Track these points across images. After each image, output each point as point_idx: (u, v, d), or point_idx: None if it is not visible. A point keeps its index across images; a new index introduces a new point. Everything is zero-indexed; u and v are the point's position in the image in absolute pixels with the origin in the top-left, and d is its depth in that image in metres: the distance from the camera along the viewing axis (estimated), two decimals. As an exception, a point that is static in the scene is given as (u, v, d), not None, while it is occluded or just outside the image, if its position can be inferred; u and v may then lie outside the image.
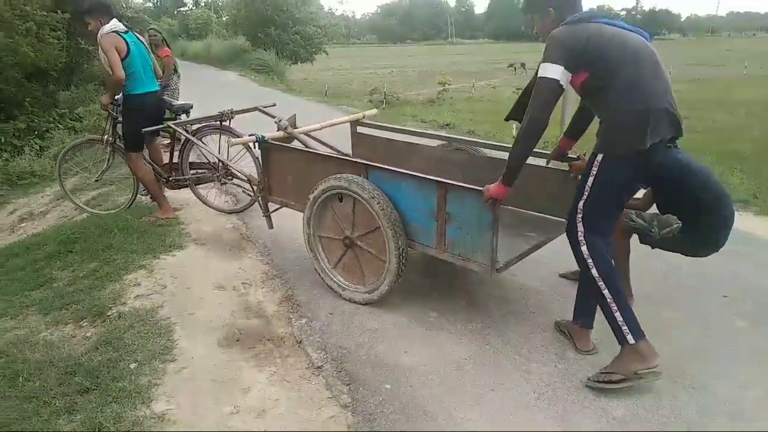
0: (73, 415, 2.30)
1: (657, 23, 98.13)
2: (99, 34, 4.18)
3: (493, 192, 2.42)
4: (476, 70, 28.77)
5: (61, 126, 9.58)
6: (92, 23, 4.24)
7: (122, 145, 4.60)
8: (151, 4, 56.99)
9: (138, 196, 4.94)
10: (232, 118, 4.61)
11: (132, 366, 2.59)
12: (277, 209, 3.82)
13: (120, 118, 4.55)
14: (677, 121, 2.28)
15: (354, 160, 3.26)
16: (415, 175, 2.84)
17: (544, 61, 2.26)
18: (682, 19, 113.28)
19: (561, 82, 2.23)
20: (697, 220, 2.66)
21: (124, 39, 4.21)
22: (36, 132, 9.19)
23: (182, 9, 54.68)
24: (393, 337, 2.82)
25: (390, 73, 30.08)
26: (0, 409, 2.40)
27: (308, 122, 4.33)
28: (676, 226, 2.67)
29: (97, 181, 5.07)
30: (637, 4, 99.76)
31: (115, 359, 2.65)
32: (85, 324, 3.11)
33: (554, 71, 2.22)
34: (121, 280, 3.54)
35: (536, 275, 3.49)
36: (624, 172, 2.32)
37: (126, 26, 4.35)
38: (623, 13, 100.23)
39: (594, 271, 2.37)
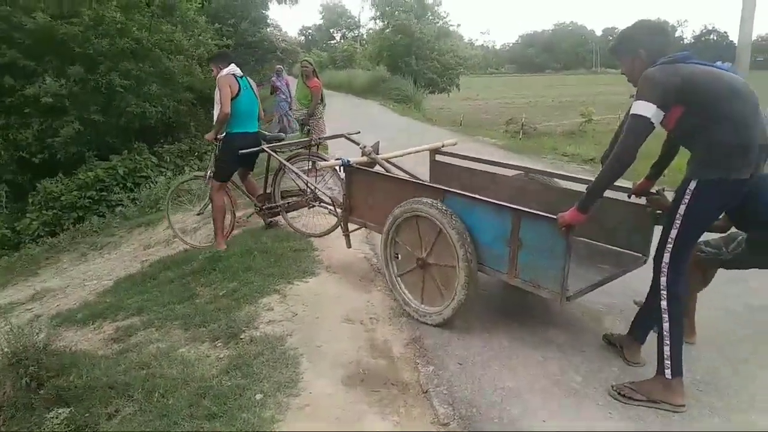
0: (199, 442, 2.31)
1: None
2: (218, 76, 4.64)
3: (568, 218, 2.47)
4: (623, 101, 27.02)
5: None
6: (214, 69, 4.76)
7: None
8: (303, 38, 61.79)
9: (273, 219, 5.19)
10: (320, 143, 4.89)
11: (258, 397, 2.57)
12: (356, 229, 4.00)
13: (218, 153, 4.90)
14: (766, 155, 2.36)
15: (431, 184, 3.42)
16: (489, 201, 2.93)
17: (637, 99, 2.33)
18: None
19: (652, 120, 2.28)
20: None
21: (238, 82, 4.65)
22: (196, 153, 10.16)
23: (331, 42, 58.48)
24: (530, 401, 2.51)
25: (528, 103, 29.37)
26: (137, 423, 2.51)
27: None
28: (741, 238, 2.74)
29: (199, 214, 5.46)
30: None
31: (242, 386, 2.65)
32: (219, 344, 3.19)
33: (646, 109, 2.28)
34: (256, 303, 3.62)
35: (703, 336, 2.98)
36: (717, 198, 2.35)
37: (241, 74, 4.77)
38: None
39: (664, 303, 2.43)
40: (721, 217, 2.75)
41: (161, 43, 10.16)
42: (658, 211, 2.95)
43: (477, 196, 3.00)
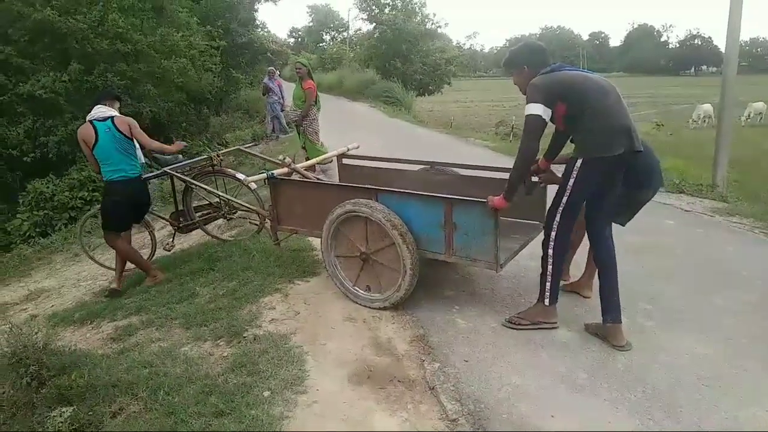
0: (209, 439, 2.30)
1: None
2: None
3: (496, 203, 2.95)
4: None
5: (210, 149, 10.43)
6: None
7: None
8: (292, 40, 61.65)
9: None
10: (222, 160, 5.00)
11: (265, 394, 2.56)
12: (287, 236, 4.26)
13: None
14: (636, 136, 2.83)
15: (364, 186, 3.63)
16: (421, 195, 3.31)
17: (527, 102, 2.89)
18: None
19: (543, 116, 2.84)
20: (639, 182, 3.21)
21: (95, 127, 4.28)
22: (187, 154, 10.08)
23: (321, 44, 58.35)
24: (537, 397, 2.53)
25: (516, 106, 29.51)
26: (143, 421, 2.49)
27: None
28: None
29: None
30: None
31: (249, 384, 2.65)
32: (222, 343, 3.18)
33: (536, 108, 2.84)
34: (258, 302, 3.61)
35: (703, 336, 3.02)
36: (597, 171, 2.88)
37: (106, 116, 4.34)
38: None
39: (551, 251, 3.02)
40: None
41: (155, 45, 10.09)
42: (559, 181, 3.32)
43: (409, 191, 3.37)
